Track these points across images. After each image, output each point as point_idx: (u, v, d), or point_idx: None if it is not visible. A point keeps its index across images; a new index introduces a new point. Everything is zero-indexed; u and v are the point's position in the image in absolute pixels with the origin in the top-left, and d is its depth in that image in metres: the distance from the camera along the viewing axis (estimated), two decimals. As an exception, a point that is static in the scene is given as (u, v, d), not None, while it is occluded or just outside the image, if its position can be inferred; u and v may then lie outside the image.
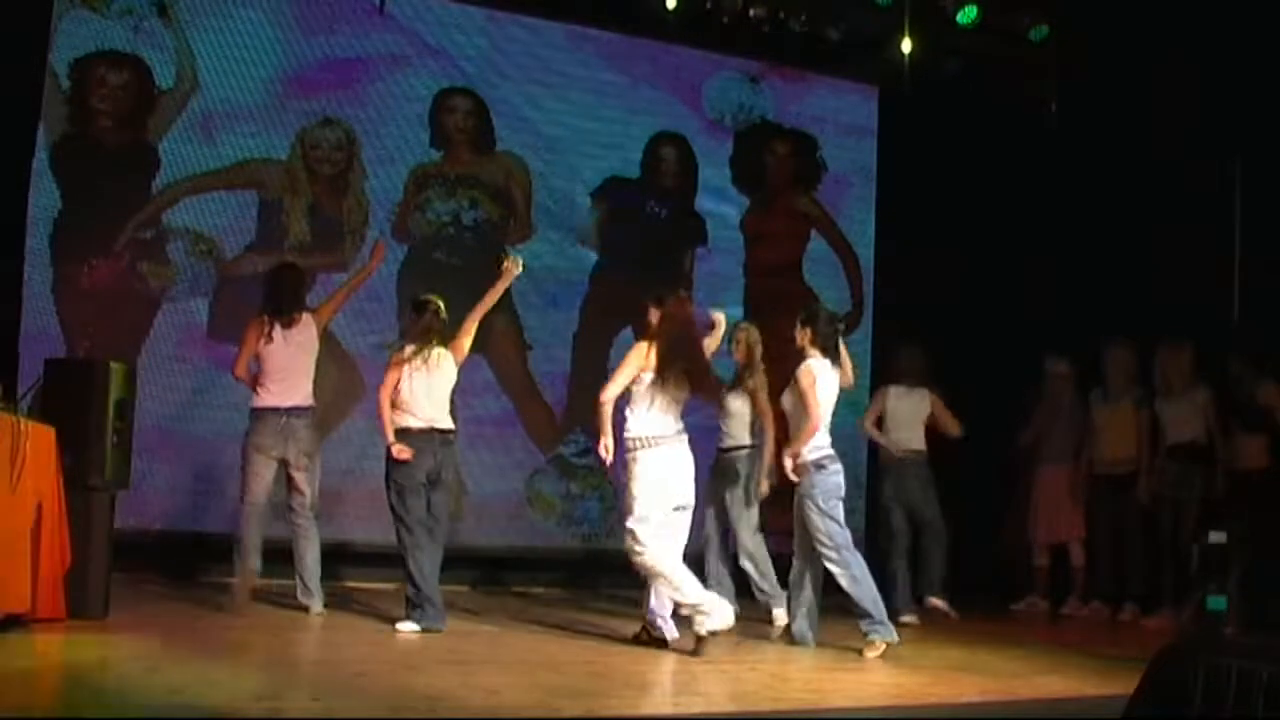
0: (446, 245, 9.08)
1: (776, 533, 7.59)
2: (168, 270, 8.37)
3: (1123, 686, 4.54)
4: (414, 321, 6.76)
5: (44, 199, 7.98)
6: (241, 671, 5.01)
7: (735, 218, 10.00)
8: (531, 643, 6.33)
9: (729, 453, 7.35)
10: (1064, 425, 8.96)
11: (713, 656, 6.14)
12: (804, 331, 6.60)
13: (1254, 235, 8.59)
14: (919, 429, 8.18)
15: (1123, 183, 8.99)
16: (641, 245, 9.53)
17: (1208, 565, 7.20)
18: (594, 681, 5.37)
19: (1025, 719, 5.14)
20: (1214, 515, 7.76)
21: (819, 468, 6.40)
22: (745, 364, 7.39)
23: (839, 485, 6.43)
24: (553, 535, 9.19)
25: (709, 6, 9.10)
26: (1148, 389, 8.54)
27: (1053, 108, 9.25)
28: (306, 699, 4.64)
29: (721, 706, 4.98)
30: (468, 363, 6.90)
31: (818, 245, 10.23)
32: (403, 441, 6.56)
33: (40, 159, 7.95)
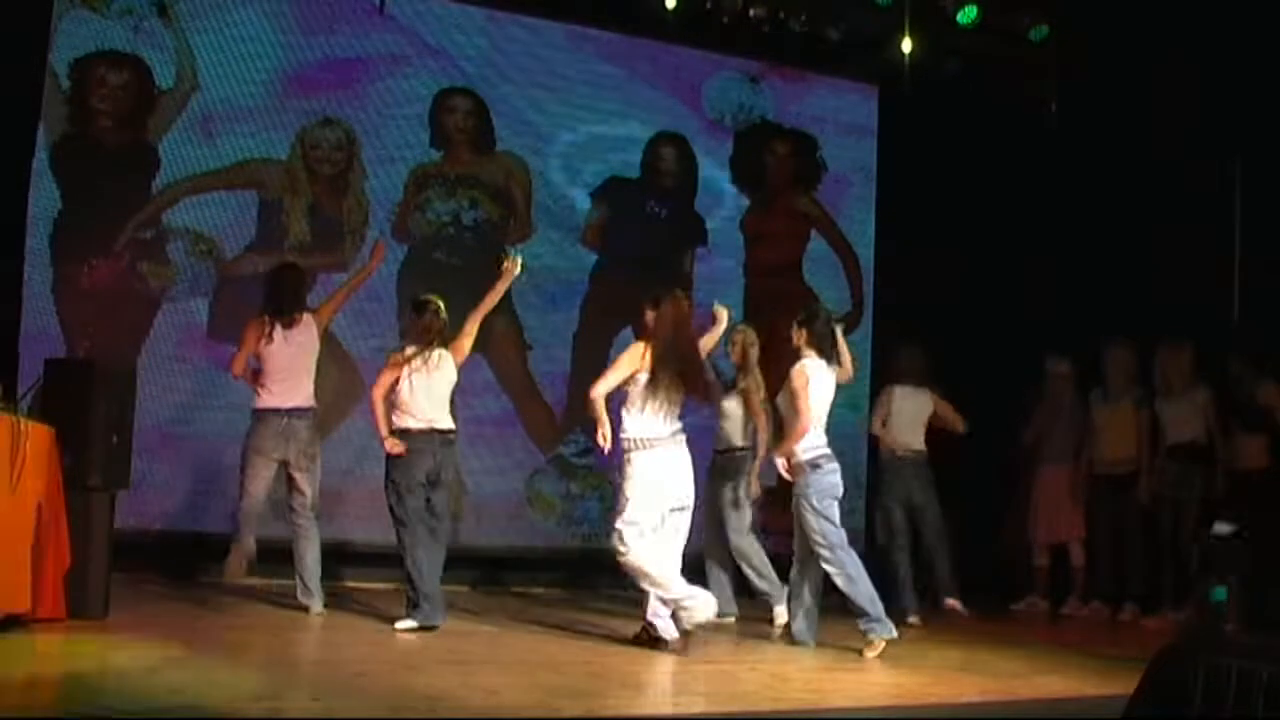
0: (446, 245, 9.08)
1: (776, 533, 7.61)
2: (168, 270, 8.37)
3: (1123, 686, 4.54)
4: (414, 322, 6.75)
5: (44, 199, 7.98)
6: (241, 671, 5.01)
7: (735, 218, 10.01)
8: (531, 643, 6.33)
9: (724, 454, 7.42)
10: (1064, 425, 8.97)
11: (713, 656, 6.15)
12: (800, 332, 6.61)
13: (1254, 235, 8.59)
14: (921, 429, 8.19)
15: (1123, 183, 9.00)
16: (641, 245, 9.52)
17: (1212, 557, 7.19)
18: (594, 681, 5.37)
19: (1025, 719, 5.15)
20: (1214, 515, 7.76)
21: (814, 467, 6.40)
22: (740, 366, 7.44)
23: (834, 485, 6.43)
24: (553, 535, 9.19)
25: (709, 6, 9.10)
26: (1148, 389, 8.55)
27: (1053, 108, 9.26)
28: (306, 699, 4.64)
29: (721, 706, 4.98)
30: (468, 363, 6.91)
31: (818, 245, 10.23)
32: (404, 442, 6.57)
33: (40, 159, 7.95)
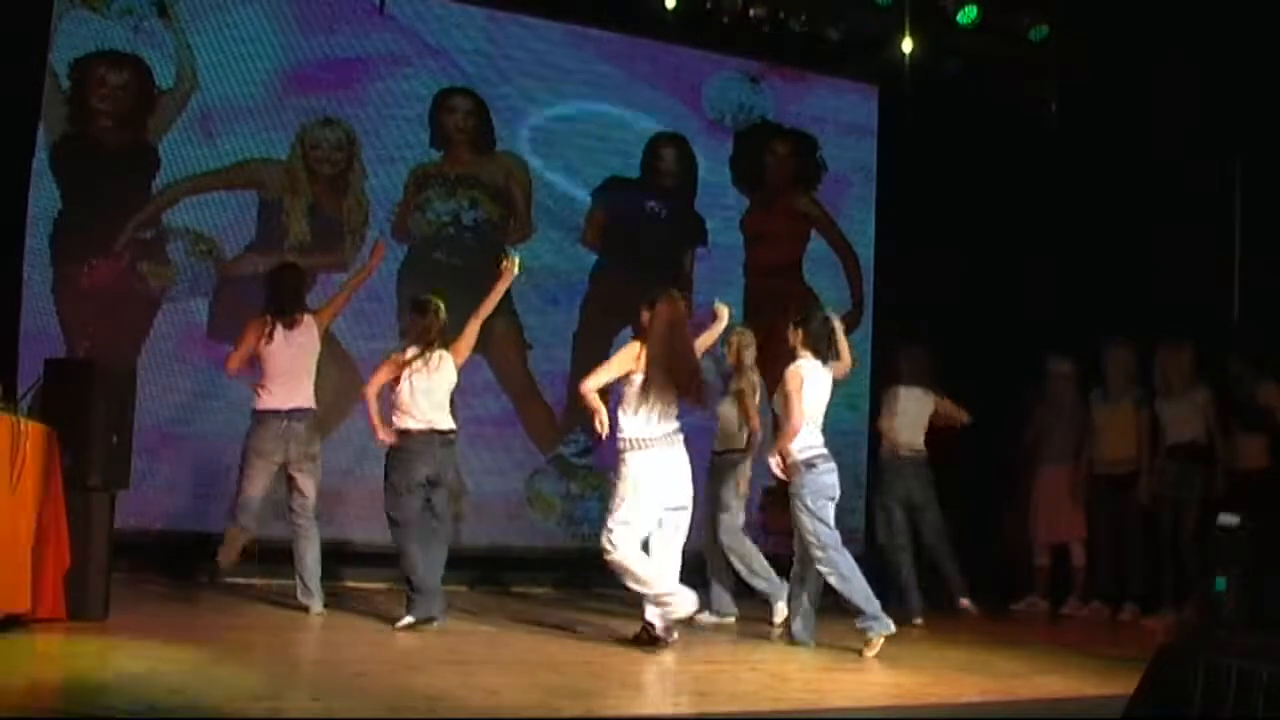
0: (446, 245, 9.08)
1: (776, 533, 7.62)
2: (168, 270, 8.37)
3: (1123, 686, 4.56)
4: (414, 322, 6.76)
5: (44, 199, 7.98)
6: (241, 671, 5.00)
7: (735, 218, 10.00)
8: (531, 643, 6.33)
9: (721, 455, 7.48)
10: (1065, 425, 8.96)
11: (713, 656, 6.15)
12: (797, 332, 6.63)
13: (1254, 235, 8.59)
14: (923, 430, 8.20)
15: (1123, 183, 8.99)
16: (641, 245, 9.52)
17: (1216, 548, 7.18)
18: (594, 681, 5.37)
19: (1025, 719, 5.15)
20: (1214, 516, 7.76)
21: (809, 467, 6.40)
22: (735, 368, 7.47)
23: (829, 485, 6.43)
24: (553, 535, 9.19)
25: (709, 6, 9.09)
26: (1148, 389, 8.54)
27: (1053, 108, 9.25)
28: (306, 699, 4.64)
29: (721, 706, 4.98)
30: (468, 363, 6.92)
31: (818, 245, 10.22)
32: (403, 443, 6.58)
33: (40, 159, 7.94)
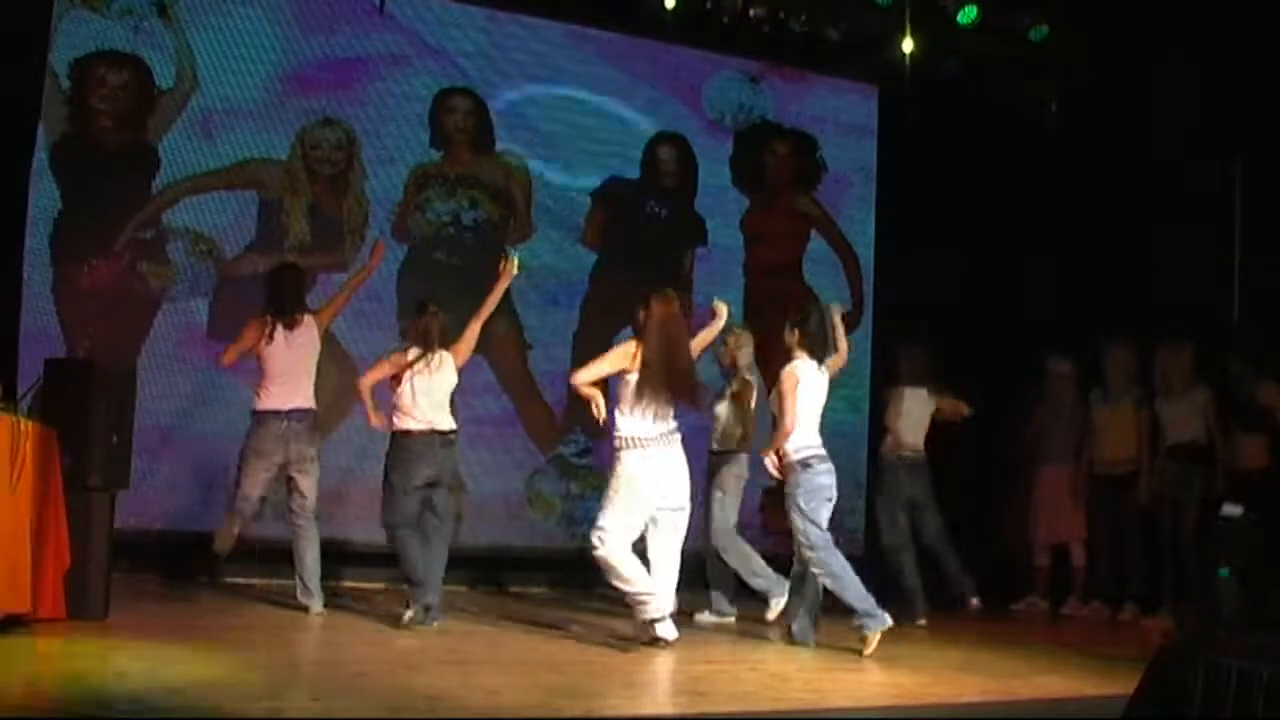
0: (446, 245, 9.08)
1: (777, 533, 7.62)
2: (168, 270, 8.37)
3: (1123, 686, 4.56)
4: (415, 324, 6.80)
5: (44, 199, 7.97)
6: (241, 671, 5.00)
7: (735, 218, 10.00)
8: (531, 643, 6.33)
9: (718, 455, 7.49)
10: (1065, 425, 8.96)
11: (713, 656, 6.15)
12: (794, 333, 6.63)
13: (1254, 235, 8.59)
14: (924, 430, 8.19)
15: (1123, 183, 8.99)
16: (641, 245, 9.51)
17: (1219, 538, 7.19)
18: (594, 681, 5.37)
19: (1025, 719, 5.15)
20: (1214, 516, 7.76)
21: (804, 467, 6.40)
22: (731, 368, 7.48)
23: (824, 486, 6.43)
24: (553, 535, 9.19)
25: (709, 6, 9.08)
26: (1148, 389, 8.54)
27: (1053, 108, 9.24)
28: (306, 699, 4.64)
29: (721, 706, 4.98)
30: (468, 363, 6.95)
31: (818, 245, 10.22)
32: (404, 444, 6.61)
33: (40, 159, 7.94)
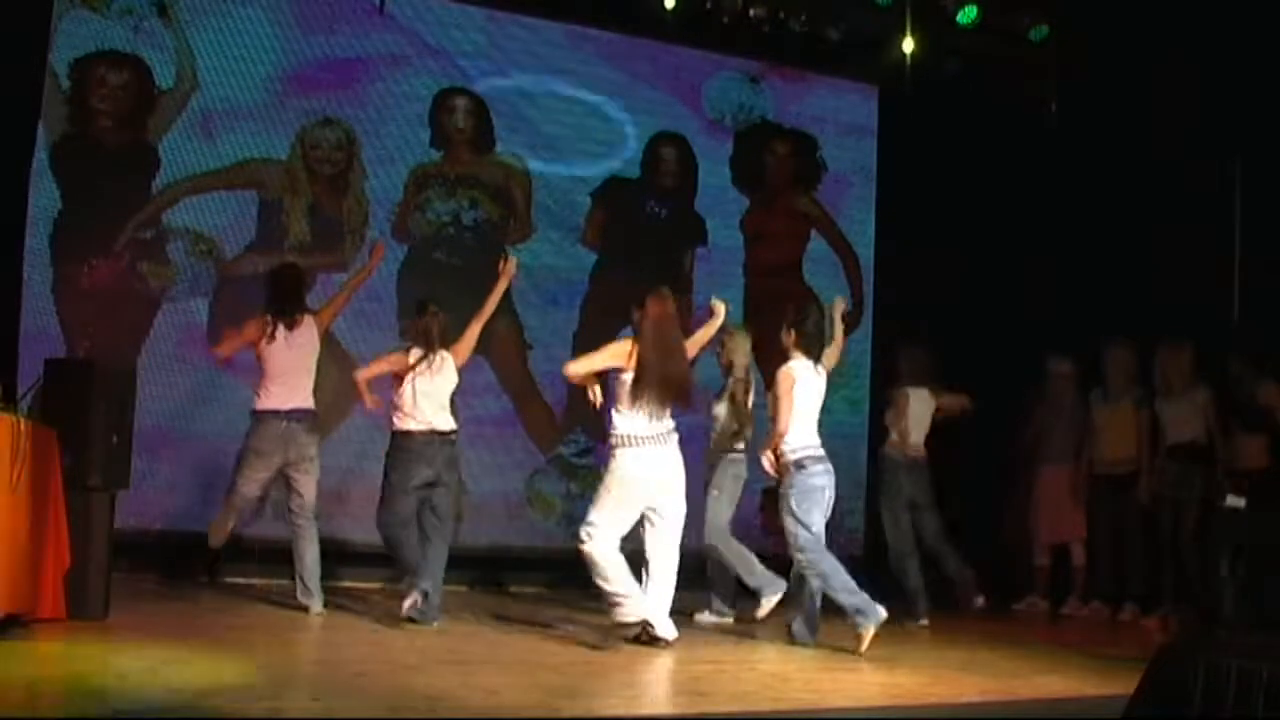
0: (446, 245, 9.08)
1: (776, 533, 7.58)
2: (168, 270, 8.37)
3: (1123, 686, 4.56)
4: (415, 324, 6.81)
5: (44, 199, 7.98)
6: (241, 671, 5.00)
7: (735, 218, 10.00)
8: (531, 643, 6.32)
9: (714, 454, 7.45)
10: (1065, 425, 8.96)
11: (713, 656, 6.15)
12: (790, 333, 6.62)
13: (1254, 235, 8.58)
14: (926, 430, 8.19)
15: (1123, 183, 8.99)
16: (641, 245, 9.52)
17: (1222, 531, 7.19)
18: (594, 681, 5.38)
19: (1025, 719, 5.15)
20: (1214, 516, 7.76)
21: (798, 468, 6.41)
22: (727, 369, 7.48)
23: (818, 488, 6.42)
24: (553, 535, 9.18)
25: (709, 6, 9.09)
26: (1148, 389, 8.54)
27: (1053, 108, 9.25)
28: (306, 699, 4.64)
29: (721, 706, 4.97)
30: (468, 363, 6.96)
31: (818, 245, 10.22)
32: (404, 444, 6.62)
33: (40, 159, 7.94)
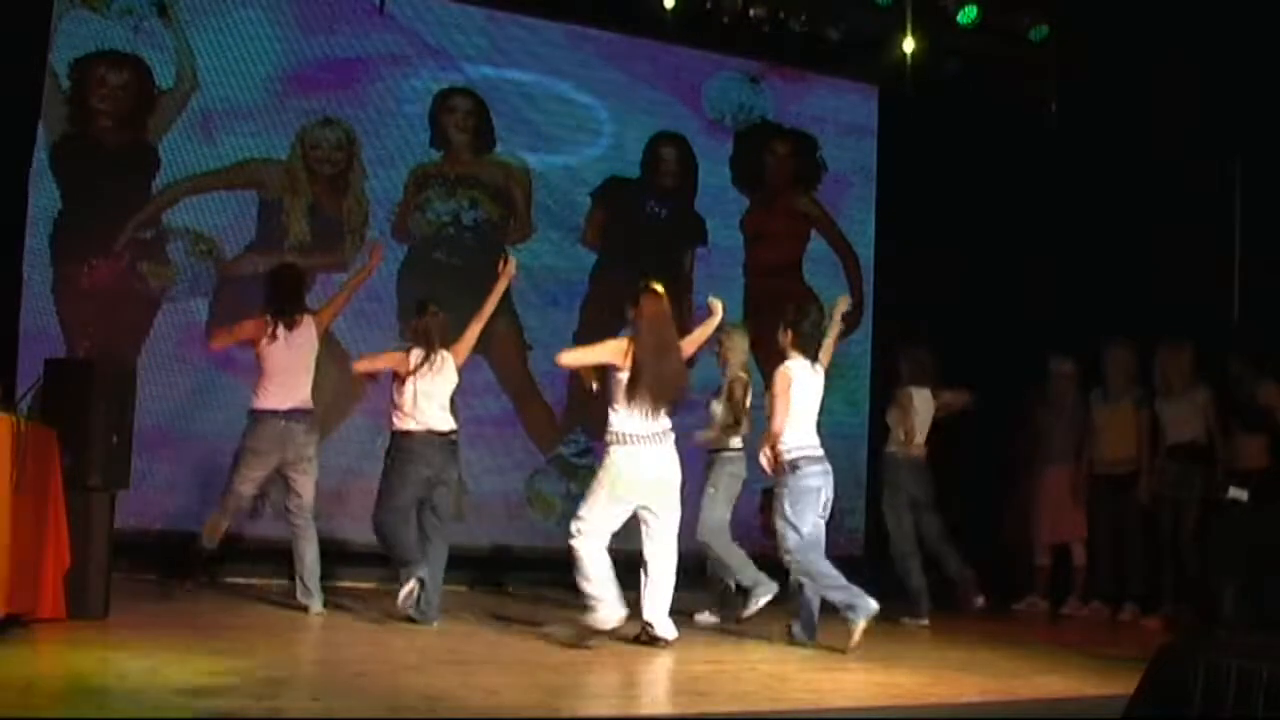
0: (446, 245, 9.08)
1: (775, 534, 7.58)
2: (168, 270, 8.37)
3: (1123, 686, 4.56)
4: (415, 324, 6.81)
5: (44, 199, 7.98)
6: (241, 671, 5.00)
7: (735, 218, 10.00)
8: (531, 643, 6.31)
9: (711, 454, 7.47)
10: (1065, 425, 8.96)
11: (713, 656, 6.15)
12: (787, 333, 6.63)
13: (1254, 235, 8.59)
14: (927, 429, 8.19)
15: (1123, 183, 8.99)
16: (641, 245, 9.52)
17: (1224, 524, 7.18)
18: (594, 681, 5.37)
19: (1025, 719, 5.15)
20: (1213, 516, 7.77)
21: (793, 468, 6.41)
22: (724, 369, 7.48)
23: (813, 489, 6.41)
24: (553, 535, 9.14)
25: (709, 6, 9.09)
26: (1148, 389, 8.54)
27: (1053, 108, 9.25)
28: (306, 699, 4.64)
29: (721, 706, 4.97)
30: (468, 363, 6.96)
31: (818, 245, 10.22)
32: (404, 444, 6.63)
33: (40, 159, 7.95)
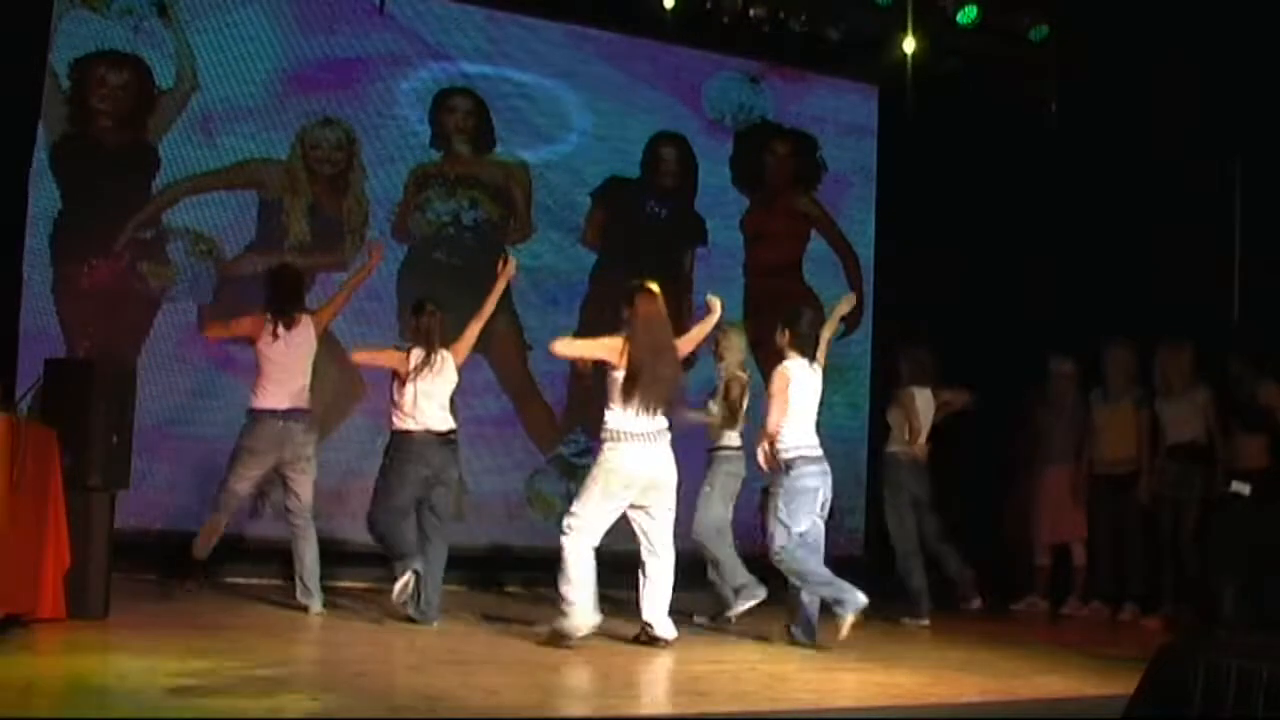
0: (446, 245, 9.08)
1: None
2: (168, 270, 8.37)
3: (1123, 686, 4.56)
4: (415, 324, 6.81)
5: (44, 199, 7.98)
6: (241, 671, 5.00)
7: (735, 218, 9.99)
8: (531, 643, 6.32)
9: (711, 453, 7.48)
10: (1065, 425, 8.96)
11: (713, 656, 6.15)
12: (784, 334, 6.64)
13: (1254, 235, 8.58)
14: (929, 429, 8.19)
15: (1123, 183, 8.98)
16: (641, 245, 9.51)
17: (1225, 519, 7.18)
18: (594, 681, 5.38)
19: (1025, 719, 5.15)
20: (1213, 516, 7.76)
21: (789, 468, 6.41)
22: (720, 367, 7.49)
23: (809, 489, 6.42)
24: (553, 535, 9.07)
25: (709, 6, 9.08)
26: (1148, 389, 8.53)
27: (1053, 108, 9.25)
28: (306, 699, 4.63)
29: (721, 706, 4.97)
30: (467, 362, 6.96)
31: (818, 245, 10.22)
32: (403, 444, 6.62)
33: (40, 159, 7.94)
